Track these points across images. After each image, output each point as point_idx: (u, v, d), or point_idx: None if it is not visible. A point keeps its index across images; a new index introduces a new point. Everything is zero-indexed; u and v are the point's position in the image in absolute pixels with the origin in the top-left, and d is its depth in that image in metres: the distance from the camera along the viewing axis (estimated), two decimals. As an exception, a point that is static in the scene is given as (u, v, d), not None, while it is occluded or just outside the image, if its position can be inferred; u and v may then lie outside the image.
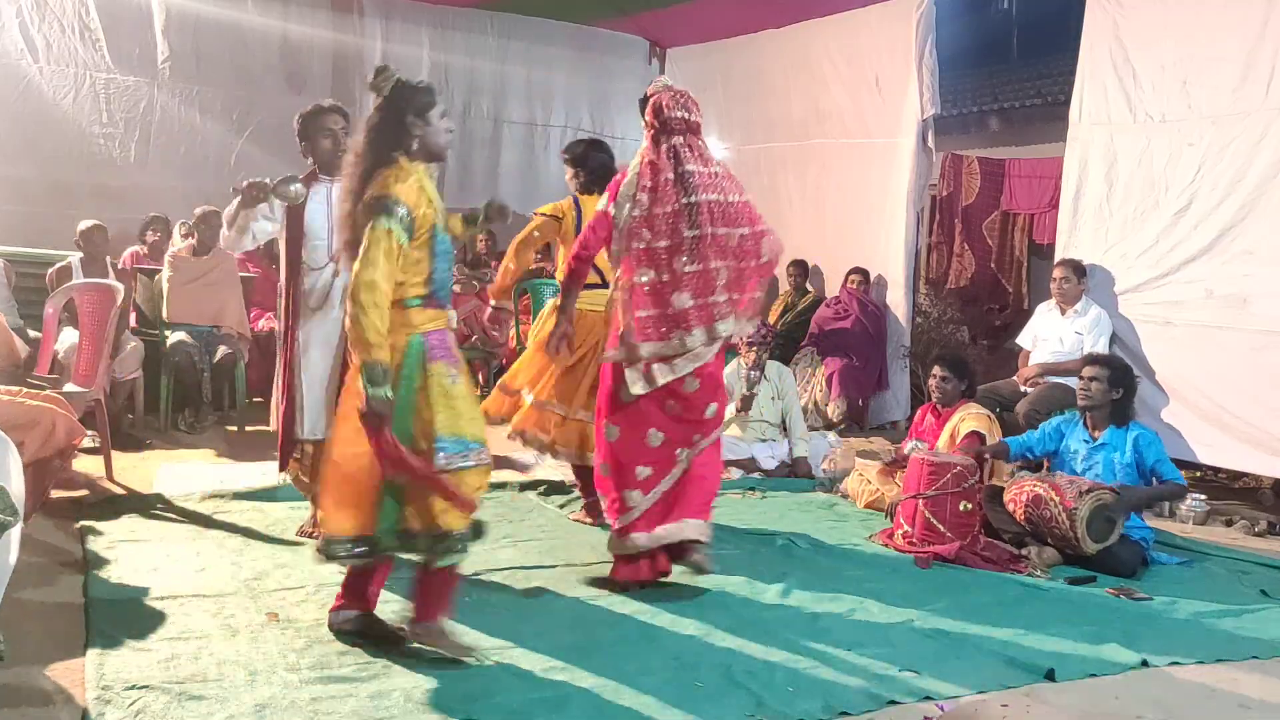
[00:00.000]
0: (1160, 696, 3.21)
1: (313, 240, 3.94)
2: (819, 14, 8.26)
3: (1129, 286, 6.10)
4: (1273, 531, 5.33)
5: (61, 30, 7.73)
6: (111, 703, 2.74)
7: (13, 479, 2.89)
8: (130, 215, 7.53)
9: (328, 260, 3.93)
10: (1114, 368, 4.81)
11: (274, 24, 8.49)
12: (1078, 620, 3.85)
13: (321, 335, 3.97)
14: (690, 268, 3.76)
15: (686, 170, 3.82)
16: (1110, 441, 4.74)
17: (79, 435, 4.09)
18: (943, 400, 5.32)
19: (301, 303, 3.96)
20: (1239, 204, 5.62)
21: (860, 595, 3.99)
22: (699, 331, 3.78)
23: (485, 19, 9.42)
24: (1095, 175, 6.26)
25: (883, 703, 3.02)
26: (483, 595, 3.75)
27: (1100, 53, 6.24)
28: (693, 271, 3.76)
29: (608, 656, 3.25)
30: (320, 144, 3.98)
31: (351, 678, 2.99)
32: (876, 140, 7.84)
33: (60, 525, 4.28)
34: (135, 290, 6.68)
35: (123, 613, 3.38)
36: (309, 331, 3.97)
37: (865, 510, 5.36)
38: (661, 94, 3.97)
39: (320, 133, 3.98)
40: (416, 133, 3.07)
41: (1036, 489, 4.55)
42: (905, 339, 7.68)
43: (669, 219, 3.77)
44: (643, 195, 3.81)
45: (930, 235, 9.91)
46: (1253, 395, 5.55)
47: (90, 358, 5.29)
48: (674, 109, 3.90)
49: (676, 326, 3.77)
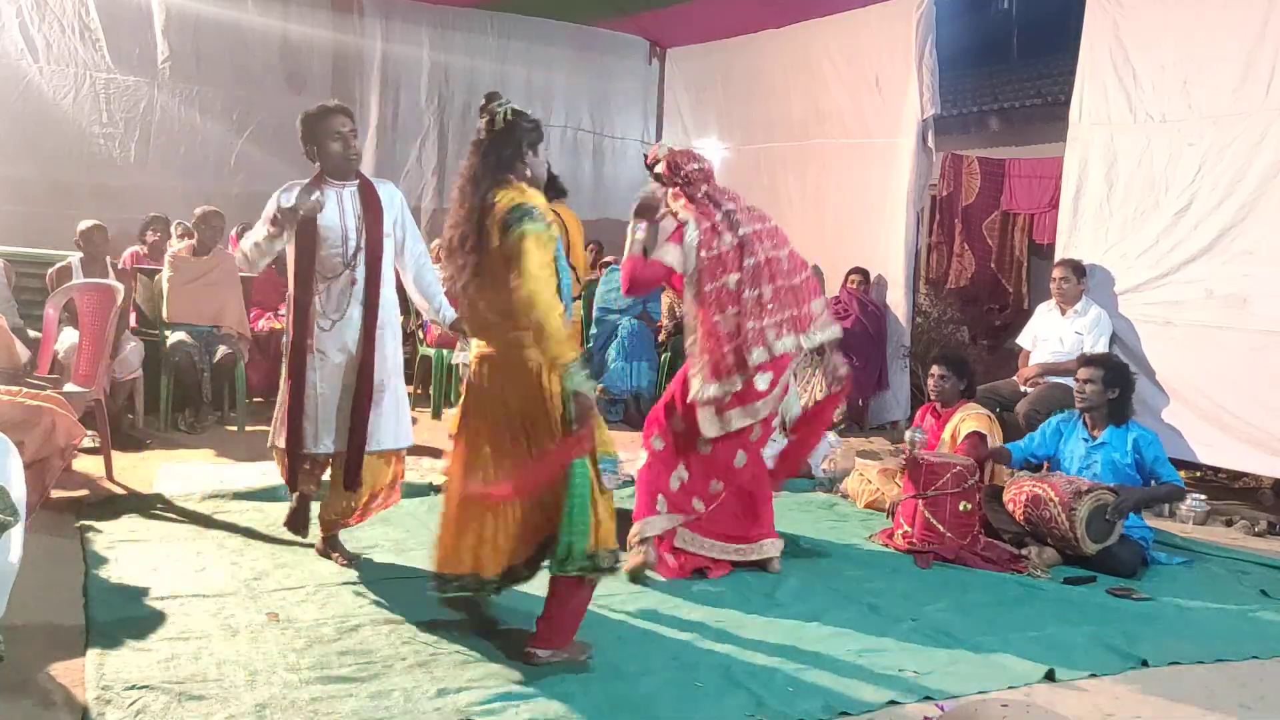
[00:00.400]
0: (1160, 696, 3.21)
1: (328, 249, 3.80)
2: (819, 14, 8.26)
3: (1129, 286, 6.10)
4: (1273, 531, 5.33)
5: (61, 30, 7.74)
6: (111, 703, 2.74)
7: (13, 479, 2.88)
8: (130, 215, 7.54)
9: (344, 268, 3.81)
10: (1109, 368, 4.81)
11: (274, 24, 8.50)
12: (1078, 620, 3.85)
13: (337, 346, 3.84)
14: (750, 294, 4.03)
15: (728, 210, 4.09)
16: (1110, 441, 4.74)
17: (79, 435, 4.08)
18: (941, 399, 5.32)
19: (315, 313, 3.82)
20: (1239, 204, 5.62)
21: (860, 595, 4.00)
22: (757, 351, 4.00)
23: (485, 19, 9.43)
24: (1095, 175, 6.26)
25: (883, 703, 3.02)
26: (481, 595, 3.74)
27: (1100, 53, 6.24)
28: (753, 297, 4.03)
29: (608, 656, 3.25)
30: (330, 147, 3.81)
31: (351, 678, 2.99)
32: (876, 140, 7.83)
33: (60, 525, 4.28)
34: (135, 290, 6.68)
35: (123, 613, 3.38)
36: (325, 343, 3.82)
37: (865, 510, 5.36)
38: (668, 156, 4.18)
39: (330, 136, 3.81)
40: (527, 162, 3.19)
41: (1035, 489, 4.55)
42: (905, 339, 7.68)
43: (734, 256, 4.03)
44: (713, 239, 4.04)
45: (930, 235, 9.90)
46: (1253, 395, 5.55)
47: (90, 358, 5.29)
48: (688, 163, 4.15)
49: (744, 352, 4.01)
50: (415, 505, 4.88)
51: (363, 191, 3.88)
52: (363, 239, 3.82)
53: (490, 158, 3.13)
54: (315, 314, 3.81)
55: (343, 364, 3.84)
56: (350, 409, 3.83)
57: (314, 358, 3.82)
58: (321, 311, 3.81)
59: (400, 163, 9.11)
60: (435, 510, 4.80)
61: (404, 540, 4.39)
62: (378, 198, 3.89)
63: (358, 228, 3.82)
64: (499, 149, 3.14)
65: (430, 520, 4.66)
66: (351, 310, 3.82)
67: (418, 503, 4.92)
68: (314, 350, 3.82)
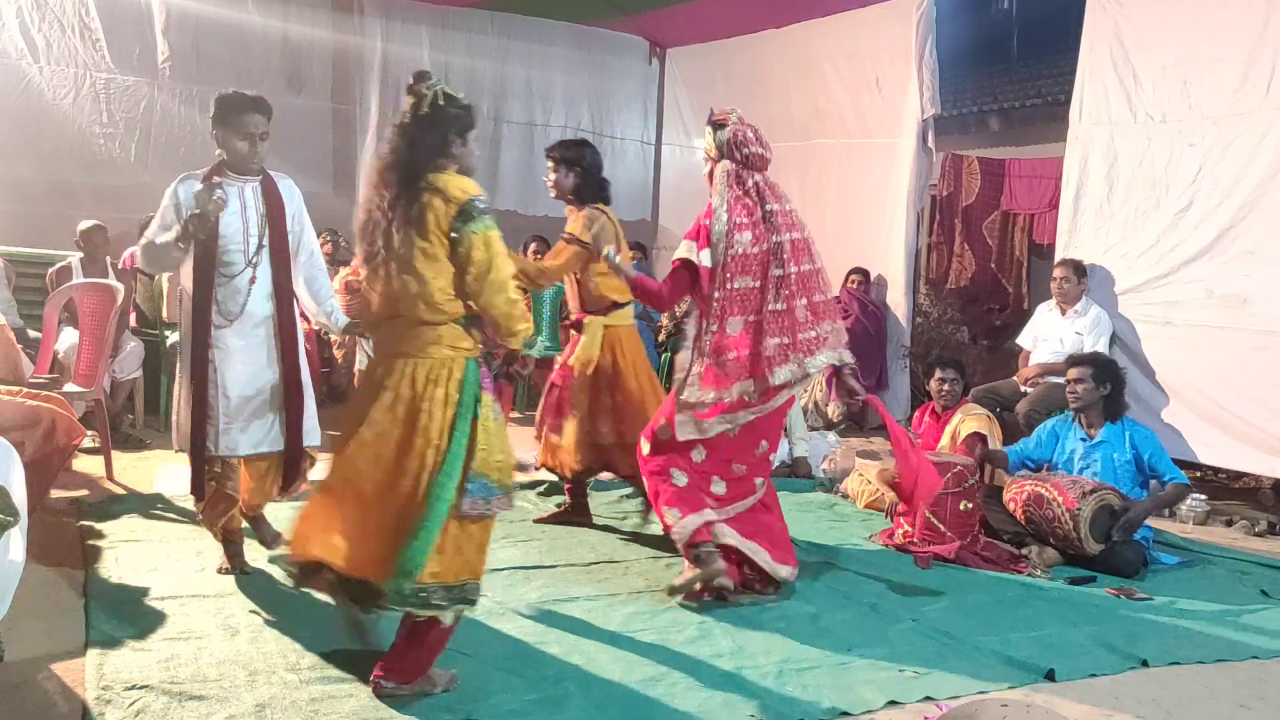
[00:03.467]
0: (1160, 696, 3.21)
1: (228, 245, 3.64)
2: (819, 14, 8.27)
3: (1129, 286, 6.10)
4: (1273, 531, 5.33)
5: (61, 30, 7.73)
6: (111, 703, 2.74)
7: (14, 480, 2.88)
8: (130, 215, 7.50)
9: (244, 266, 3.66)
10: (1097, 365, 4.82)
11: (274, 24, 8.49)
12: (1078, 620, 3.85)
13: (240, 346, 3.68)
14: (775, 306, 3.77)
15: (769, 210, 3.83)
16: (1108, 439, 4.74)
17: (79, 435, 4.09)
18: (949, 403, 5.31)
19: (215, 312, 3.64)
20: (1239, 204, 5.62)
21: (860, 595, 4.00)
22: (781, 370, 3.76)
23: (485, 19, 9.42)
24: (1095, 175, 6.26)
25: (883, 703, 3.02)
26: (482, 596, 3.74)
27: (1100, 53, 6.24)
28: (777, 310, 3.77)
29: (608, 656, 3.25)
30: (235, 144, 3.69)
31: (351, 678, 2.99)
32: (877, 140, 7.84)
33: (60, 525, 4.28)
34: (135, 290, 6.68)
35: (123, 613, 3.38)
36: (226, 342, 3.65)
37: (865, 510, 5.36)
38: (741, 127, 3.89)
39: (239, 133, 3.68)
40: (455, 151, 2.96)
41: (1038, 488, 4.55)
42: (905, 339, 7.69)
43: (761, 259, 3.78)
44: (742, 235, 3.76)
45: (930, 235, 9.90)
46: (1253, 395, 5.55)
47: (90, 358, 5.29)
48: (755, 145, 3.89)
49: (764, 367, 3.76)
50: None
51: (264, 187, 3.76)
52: (265, 237, 3.70)
53: (415, 147, 2.88)
54: (215, 313, 3.64)
55: (250, 368, 3.69)
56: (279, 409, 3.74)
57: (216, 358, 3.64)
58: (219, 309, 3.64)
59: (400, 163, 9.10)
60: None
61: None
62: (279, 194, 3.77)
63: (260, 225, 3.70)
64: (424, 140, 2.89)
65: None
66: (252, 307, 3.67)
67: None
68: (217, 351, 3.64)
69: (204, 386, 3.65)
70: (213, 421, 3.66)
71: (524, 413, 7.72)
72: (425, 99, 2.94)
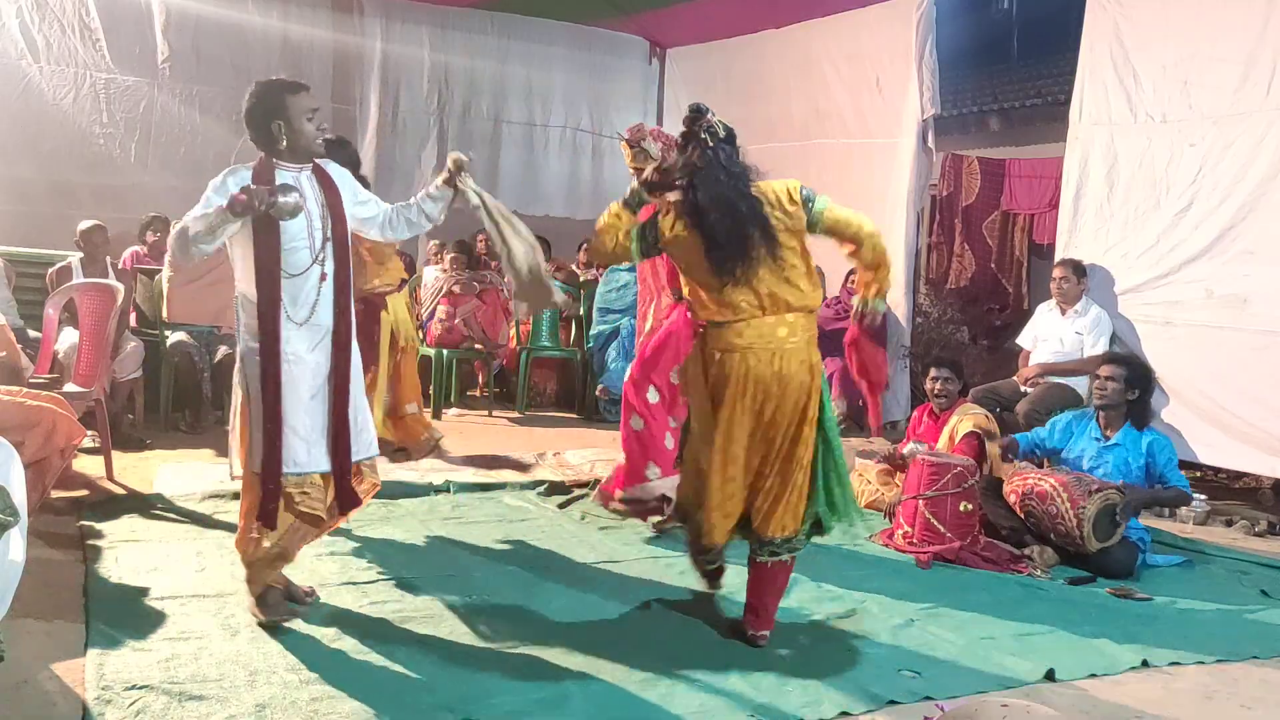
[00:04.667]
0: (1160, 696, 3.21)
1: (293, 241, 3.29)
2: (819, 14, 8.26)
3: (1129, 286, 6.10)
4: (1273, 531, 5.34)
5: (61, 30, 7.73)
6: (111, 703, 2.74)
7: (14, 480, 2.88)
8: (130, 215, 7.53)
9: (311, 263, 3.32)
10: (1132, 367, 4.80)
11: (274, 24, 8.49)
12: (1078, 620, 3.85)
13: (310, 351, 3.35)
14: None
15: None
16: (1124, 443, 4.72)
17: (79, 435, 4.09)
18: (945, 403, 5.31)
19: (283, 315, 3.30)
20: (1239, 204, 5.62)
21: (860, 595, 3.99)
22: None
23: (485, 19, 9.42)
24: (1095, 175, 6.26)
25: (883, 703, 3.02)
26: (482, 595, 3.75)
27: (1100, 53, 6.24)
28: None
29: (608, 656, 3.25)
30: (304, 127, 3.34)
31: (352, 678, 2.99)
32: (877, 140, 7.83)
33: (60, 525, 4.28)
34: (135, 290, 6.68)
35: (123, 613, 3.38)
36: (296, 349, 3.32)
37: (865, 510, 5.35)
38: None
39: (301, 112, 3.34)
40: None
41: (1042, 484, 4.54)
42: (905, 339, 7.68)
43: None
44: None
45: (930, 235, 9.90)
46: (1253, 395, 5.55)
47: (90, 358, 5.29)
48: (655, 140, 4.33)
49: None
50: (416, 505, 4.89)
51: (318, 175, 3.43)
52: (329, 228, 3.36)
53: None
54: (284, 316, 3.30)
55: (320, 373, 3.38)
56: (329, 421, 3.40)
57: (289, 366, 3.31)
58: (290, 315, 3.31)
59: (401, 163, 9.10)
60: (435, 510, 4.86)
61: (404, 540, 4.39)
62: (333, 180, 3.45)
63: (322, 216, 3.35)
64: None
65: (430, 520, 4.69)
66: (322, 307, 3.34)
67: (418, 502, 4.93)
68: (288, 358, 3.31)
69: (277, 399, 3.29)
70: (294, 433, 3.32)
71: (524, 413, 7.73)
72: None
